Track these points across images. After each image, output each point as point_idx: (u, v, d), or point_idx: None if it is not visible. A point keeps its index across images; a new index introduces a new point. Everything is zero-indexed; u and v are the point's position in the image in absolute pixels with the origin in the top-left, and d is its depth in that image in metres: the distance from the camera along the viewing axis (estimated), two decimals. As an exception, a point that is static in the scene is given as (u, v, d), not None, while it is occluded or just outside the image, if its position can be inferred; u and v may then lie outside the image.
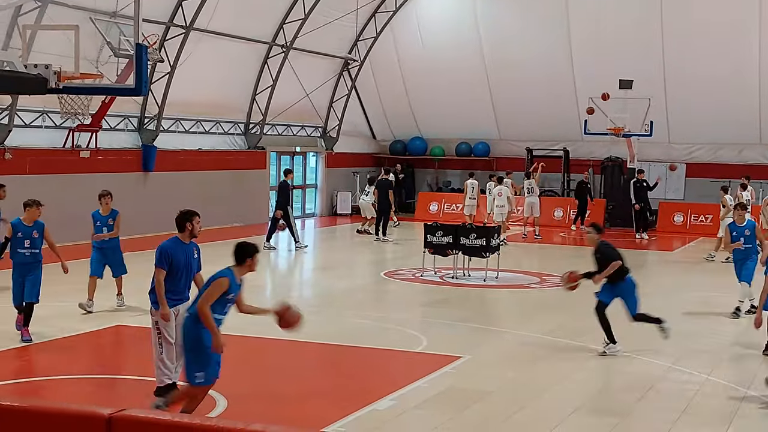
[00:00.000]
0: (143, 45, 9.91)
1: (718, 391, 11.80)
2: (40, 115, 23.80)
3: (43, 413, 5.88)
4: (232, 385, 11.08)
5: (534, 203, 29.08)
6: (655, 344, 13.83)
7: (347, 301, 17.92)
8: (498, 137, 37.03)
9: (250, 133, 31.71)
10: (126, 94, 18.12)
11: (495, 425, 10.09)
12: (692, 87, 32.25)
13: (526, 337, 14.54)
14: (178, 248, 10.46)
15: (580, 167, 35.00)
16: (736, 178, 30.51)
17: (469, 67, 34.72)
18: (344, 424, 9.68)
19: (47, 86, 9.71)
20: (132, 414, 5.75)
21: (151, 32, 24.18)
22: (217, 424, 5.68)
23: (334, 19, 31.58)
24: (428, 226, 20.46)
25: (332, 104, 35.79)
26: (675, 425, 10.15)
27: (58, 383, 11.19)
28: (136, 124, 27.04)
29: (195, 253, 10.60)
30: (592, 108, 30.43)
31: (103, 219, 15.55)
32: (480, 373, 12.36)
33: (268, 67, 31.08)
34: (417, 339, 14.13)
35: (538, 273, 21.51)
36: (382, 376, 12.25)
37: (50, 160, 23.99)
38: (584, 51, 33.17)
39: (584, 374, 12.54)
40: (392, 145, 38.66)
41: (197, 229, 10.54)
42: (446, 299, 18.12)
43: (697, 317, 16.78)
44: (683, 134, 34.15)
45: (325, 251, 27.31)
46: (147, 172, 26.77)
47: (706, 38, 31.24)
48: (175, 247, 10.46)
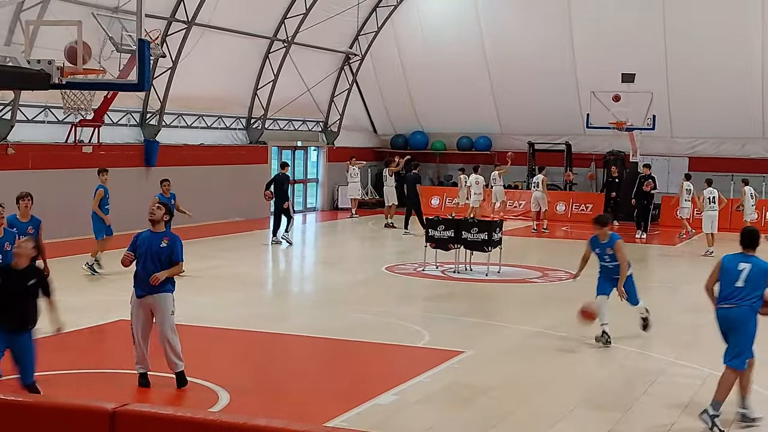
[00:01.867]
0: (145, 40, 9.90)
1: (721, 385, 11.79)
2: (42, 110, 23.81)
3: (47, 408, 5.90)
4: (235, 380, 11.11)
5: (540, 197, 29.24)
6: (659, 339, 13.83)
7: (349, 295, 17.92)
8: (499, 131, 37.00)
9: (252, 128, 31.72)
10: (128, 90, 18.10)
11: (497, 420, 10.10)
12: (695, 81, 32.20)
13: (529, 331, 14.56)
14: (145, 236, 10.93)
15: (582, 161, 35.01)
16: (739, 172, 30.54)
17: (471, 61, 34.69)
18: (346, 419, 9.69)
19: (50, 82, 9.71)
20: (135, 408, 5.77)
21: (153, 27, 24.18)
22: (219, 418, 5.70)
23: (335, 13, 31.56)
24: (430, 221, 20.45)
25: (333, 99, 35.77)
26: (679, 419, 10.16)
27: (60, 378, 11.20)
28: (138, 120, 27.05)
29: (162, 242, 10.77)
30: (618, 95, 30.39)
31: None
32: (482, 367, 12.36)
33: (269, 62, 31.07)
34: (419, 334, 14.13)
35: (540, 267, 21.50)
36: (384, 371, 12.26)
37: (53, 156, 23.98)
38: (586, 44, 33.13)
39: (586, 369, 12.55)
40: (393, 140, 38.64)
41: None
42: (448, 294, 18.12)
43: (700, 311, 16.73)
44: (686, 128, 34.10)
45: (327, 246, 27.32)
46: (149, 167, 26.78)
47: (709, 31, 31.19)
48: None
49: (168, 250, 10.69)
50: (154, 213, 10.82)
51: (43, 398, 6.05)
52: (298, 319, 15.56)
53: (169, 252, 10.69)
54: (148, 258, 10.63)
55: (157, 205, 10.99)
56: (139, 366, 10.81)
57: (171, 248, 10.71)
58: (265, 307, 16.78)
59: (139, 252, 10.71)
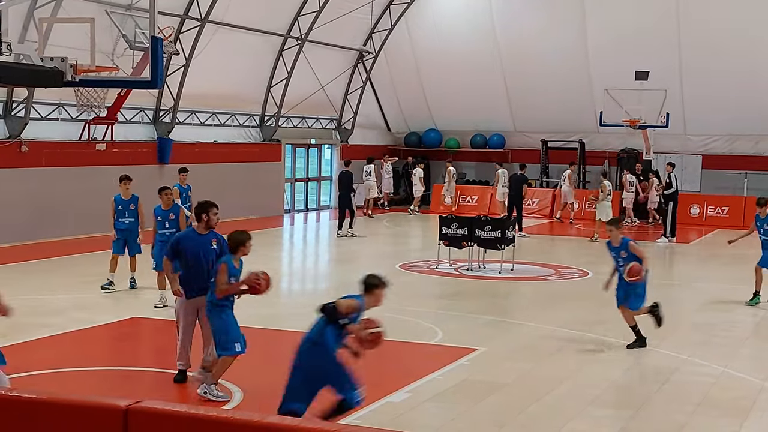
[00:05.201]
0: (158, 38, 9.89)
1: (735, 383, 11.77)
2: (56, 107, 23.87)
3: (61, 405, 5.90)
4: (248, 378, 11.12)
5: (567, 191, 30.56)
6: (671, 336, 13.79)
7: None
8: (513, 129, 36.96)
9: (265, 126, 31.74)
10: (141, 87, 18.09)
11: (510, 417, 10.08)
12: (709, 78, 32.10)
13: (542, 329, 14.53)
14: (189, 239, 10.53)
15: (596, 159, 34.94)
16: (753, 170, 30.41)
17: (484, 58, 34.65)
18: (359, 416, 9.68)
19: (63, 79, 9.71)
20: (149, 405, 5.77)
21: (166, 25, 24.25)
22: (233, 416, 5.69)
23: (349, 11, 31.56)
24: (443, 218, 20.44)
25: (347, 96, 35.78)
26: (691, 417, 10.12)
27: (75, 375, 11.24)
28: (151, 117, 27.10)
29: (213, 244, 10.58)
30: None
31: (165, 213, 15.22)
32: (495, 365, 12.35)
33: (283, 60, 31.09)
34: (432, 331, 14.13)
35: (553, 265, 21.47)
36: (398, 368, 12.25)
37: (66, 153, 24.05)
38: (600, 42, 33.05)
39: (600, 366, 12.52)
40: (407, 137, 38.65)
41: (214, 220, 10.58)
42: (461, 291, 18.11)
43: (714, 309, 16.73)
44: (699, 126, 33.99)
45: (340, 243, 27.32)
46: (162, 164, 26.83)
47: (723, 29, 31.08)
48: (186, 237, 10.57)
49: (219, 250, 10.59)
50: (212, 219, 10.65)
51: (56, 395, 6.06)
52: (311, 317, 15.51)
53: (220, 252, 10.57)
54: (198, 262, 10.52)
55: (213, 211, 10.72)
56: (180, 363, 10.80)
57: (222, 249, 10.56)
58: (279, 304, 16.79)
59: (186, 257, 10.54)
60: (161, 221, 15.03)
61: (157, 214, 15.09)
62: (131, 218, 16.49)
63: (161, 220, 15.04)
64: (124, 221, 16.47)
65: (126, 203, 16.53)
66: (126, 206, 16.50)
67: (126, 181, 16.67)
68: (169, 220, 15.06)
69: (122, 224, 16.48)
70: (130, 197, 16.60)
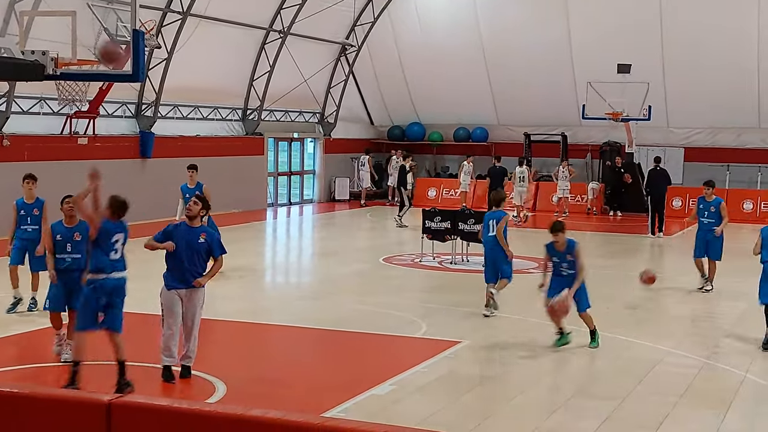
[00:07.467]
0: (140, 31, 9.88)
1: (717, 374, 11.84)
2: (37, 101, 23.76)
3: (44, 399, 5.89)
4: (232, 371, 11.10)
5: (565, 187, 31.07)
6: (654, 329, 13.83)
7: (346, 286, 17.93)
8: (496, 122, 36.98)
9: (248, 119, 31.67)
10: (123, 80, 18.03)
11: (495, 410, 10.11)
12: (691, 71, 32.20)
13: (525, 321, 14.56)
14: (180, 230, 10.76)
15: (578, 152, 35.01)
16: (735, 162, 30.53)
17: (468, 52, 34.63)
18: (344, 409, 9.69)
19: (44, 72, 9.68)
20: (132, 400, 5.76)
21: (148, 18, 24.13)
22: (216, 409, 5.69)
23: (331, 4, 31.47)
24: (426, 212, 20.43)
25: (330, 90, 35.72)
26: (674, 408, 10.17)
27: (58, 369, 11.18)
28: (133, 111, 27.00)
29: (201, 238, 10.68)
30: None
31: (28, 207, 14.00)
32: (479, 357, 12.37)
33: (265, 53, 31.02)
34: (416, 324, 14.14)
35: (535, 258, 21.47)
36: (382, 361, 12.26)
37: (48, 147, 23.91)
38: (582, 35, 33.10)
39: (583, 358, 12.56)
40: (390, 131, 38.62)
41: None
42: (445, 284, 18.13)
43: (696, 301, 16.80)
44: (682, 118, 34.10)
45: (324, 237, 27.32)
46: (145, 158, 26.74)
47: (705, 22, 31.16)
48: (177, 228, 10.81)
49: (206, 245, 10.67)
50: (191, 209, 10.72)
51: (40, 390, 6.04)
52: (295, 310, 15.54)
53: (207, 248, 10.67)
54: (185, 253, 10.56)
55: (194, 200, 10.83)
56: (166, 356, 10.76)
57: (209, 244, 10.68)
58: (262, 298, 16.77)
59: (177, 247, 10.59)
60: None
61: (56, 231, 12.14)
62: (35, 225, 13.90)
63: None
64: (27, 228, 13.91)
65: (29, 207, 14.00)
66: (29, 211, 13.98)
67: (30, 181, 14.17)
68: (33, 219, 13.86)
69: (23, 232, 13.91)
70: (35, 200, 14.10)
